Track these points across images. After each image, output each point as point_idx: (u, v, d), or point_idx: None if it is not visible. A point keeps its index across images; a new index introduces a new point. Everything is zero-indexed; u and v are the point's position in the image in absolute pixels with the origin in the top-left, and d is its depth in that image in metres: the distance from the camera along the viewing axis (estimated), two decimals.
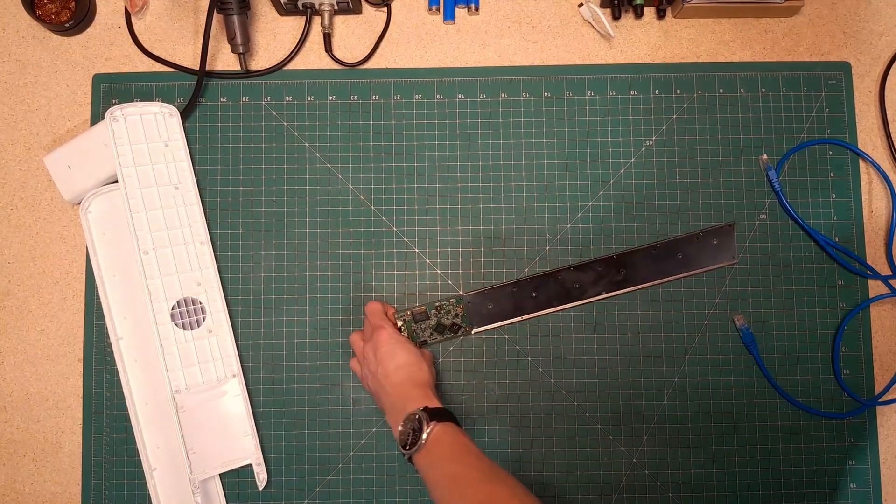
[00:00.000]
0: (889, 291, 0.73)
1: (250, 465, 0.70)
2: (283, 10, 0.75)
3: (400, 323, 0.70)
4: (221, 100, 0.74)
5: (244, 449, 0.70)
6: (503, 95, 0.74)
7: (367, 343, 0.66)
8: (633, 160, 0.74)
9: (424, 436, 0.58)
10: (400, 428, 0.60)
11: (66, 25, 0.73)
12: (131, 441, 0.70)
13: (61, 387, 0.72)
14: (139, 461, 0.69)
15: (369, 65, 0.75)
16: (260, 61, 0.75)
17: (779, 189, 0.72)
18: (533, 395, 0.72)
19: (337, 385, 0.72)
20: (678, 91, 0.75)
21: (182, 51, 0.75)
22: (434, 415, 0.59)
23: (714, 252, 0.72)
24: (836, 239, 0.73)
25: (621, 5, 0.74)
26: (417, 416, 0.59)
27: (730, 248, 0.73)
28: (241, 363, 0.71)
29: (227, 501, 0.70)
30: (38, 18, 0.73)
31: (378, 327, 0.66)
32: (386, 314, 0.69)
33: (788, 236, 0.73)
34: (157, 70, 0.75)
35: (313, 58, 0.75)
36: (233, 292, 0.72)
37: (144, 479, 0.69)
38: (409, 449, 0.58)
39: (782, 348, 0.72)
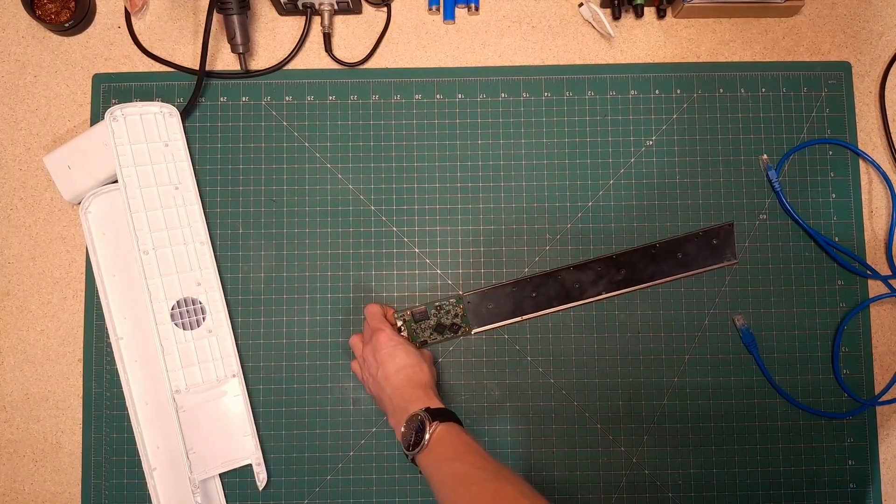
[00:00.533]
0: (889, 291, 0.73)
1: (250, 465, 0.70)
2: (283, 10, 0.75)
3: (400, 323, 0.70)
4: (221, 100, 0.74)
5: (244, 449, 0.70)
6: (503, 95, 0.74)
7: (366, 346, 0.66)
8: (633, 160, 0.74)
9: (427, 436, 0.58)
10: (402, 429, 0.60)
11: (66, 25, 0.73)
12: (131, 441, 0.70)
13: (61, 387, 0.72)
14: (139, 461, 0.69)
15: (369, 65, 0.75)
16: (260, 61, 0.75)
17: (779, 189, 0.72)
18: (533, 395, 0.72)
19: (337, 385, 0.72)
20: (678, 91, 0.75)
21: (182, 51, 0.75)
22: (436, 415, 0.59)
23: (714, 252, 0.72)
24: (836, 239, 0.73)
25: (621, 5, 0.74)
26: (420, 417, 0.59)
27: (730, 248, 0.73)
28: (241, 363, 0.71)
29: (227, 501, 0.70)
30: (38, 18, 0.73)
31: (377, 329, 0.66)
32: (385, 316, 0.69)
33: (788, 236, 0.73)
34: (157, 70, 0.75)
35: (313, 58, 0.75)
36: (233, 292, 0.72)
37: (144, 479, 0.69)
38: (413, 450, 0.58)
39: (782, 348, 0.72)
